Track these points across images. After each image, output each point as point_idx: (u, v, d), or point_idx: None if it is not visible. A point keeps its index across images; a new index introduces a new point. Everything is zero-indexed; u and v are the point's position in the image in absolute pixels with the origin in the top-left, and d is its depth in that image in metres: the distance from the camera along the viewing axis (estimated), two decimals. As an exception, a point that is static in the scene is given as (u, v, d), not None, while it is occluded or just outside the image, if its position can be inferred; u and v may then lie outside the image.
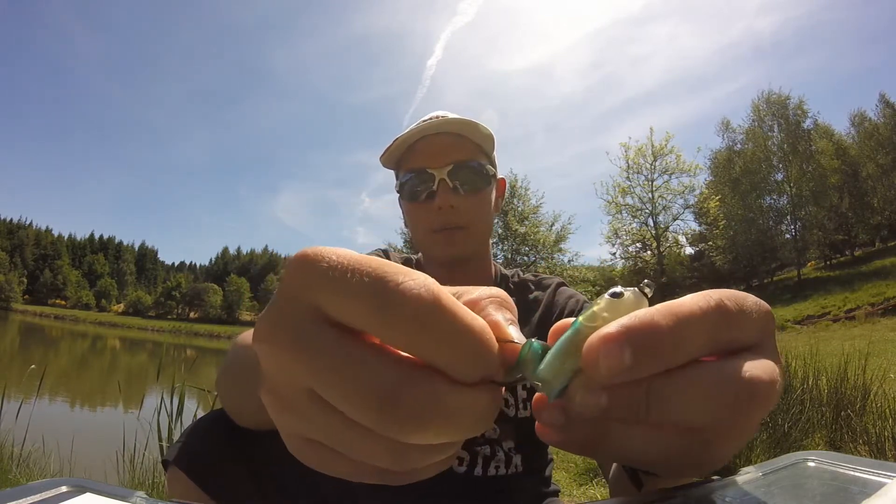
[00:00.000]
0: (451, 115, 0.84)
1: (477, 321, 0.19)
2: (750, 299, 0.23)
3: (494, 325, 0.20)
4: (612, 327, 0.19)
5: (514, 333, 0.21)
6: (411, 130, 0.81)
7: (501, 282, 0.90)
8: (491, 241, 0.92)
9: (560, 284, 0.89)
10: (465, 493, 0.74)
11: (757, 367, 0.21)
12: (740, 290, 0.23)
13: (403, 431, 0.18)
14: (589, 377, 0.20)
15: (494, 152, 0.87)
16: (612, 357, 0.19)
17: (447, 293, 0.19)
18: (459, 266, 0.84)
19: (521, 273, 0.93)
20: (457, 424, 0.19)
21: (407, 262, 0.93)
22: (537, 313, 0.84)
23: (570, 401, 0.21)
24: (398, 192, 0.86)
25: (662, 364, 0.20)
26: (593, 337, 0.20)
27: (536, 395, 0.24)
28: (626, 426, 0.23)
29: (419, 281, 0.19)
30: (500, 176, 0.91)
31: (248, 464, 0.58)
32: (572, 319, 0.22)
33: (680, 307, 0.21)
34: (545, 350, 0.21)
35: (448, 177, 0.79)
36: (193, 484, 0.54)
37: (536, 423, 0.26)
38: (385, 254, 0.93)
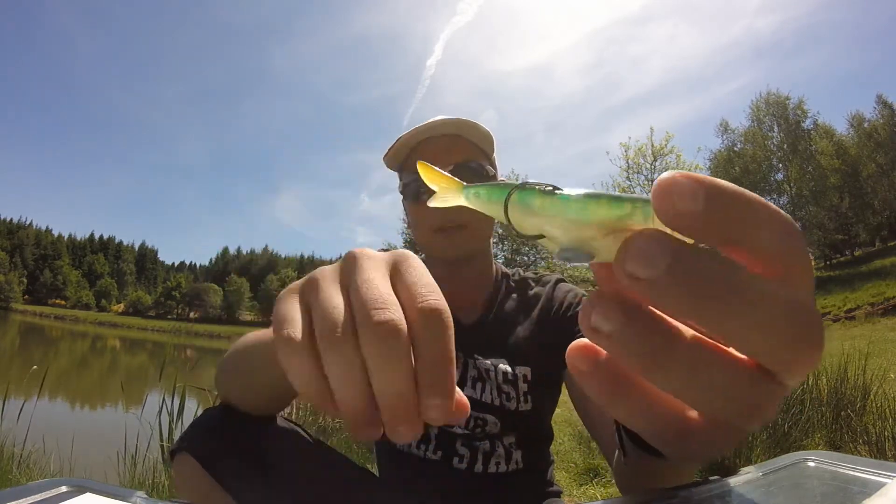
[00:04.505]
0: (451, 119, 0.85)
1: None
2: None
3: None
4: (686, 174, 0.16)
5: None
6: (414, 131, 0.82)
7: (503, 280, 0.92)
8: (491, 241, 0.93)
9: (559, 281, 0.90)
10: (466, 490, 0.75)
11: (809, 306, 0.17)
12: None
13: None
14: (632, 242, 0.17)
15: (494, 154, 0.89)
16: (685, 195, 0.16)
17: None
18: (461, 265, 0.85)
19: (521, 272, 0.94)
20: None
21: None
22: (537, 308, 0.85)
23: (623, 264, 0.16)
24: (401, 193, 0.87)
25: (729, 230, 0.16)
26: (667, 174, 0.16)
27: (595, 293, 0.19)
28: (666, 359, 0.17)
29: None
30: (501, 178, 0.92)
31: (255, 454, 0.59)
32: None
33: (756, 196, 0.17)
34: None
35: None
36: (201, 469, 0.54)
37: (571, 347, 0.21)
38: None
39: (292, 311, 0.26)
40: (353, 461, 0.69)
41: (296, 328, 0.24)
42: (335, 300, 0.25)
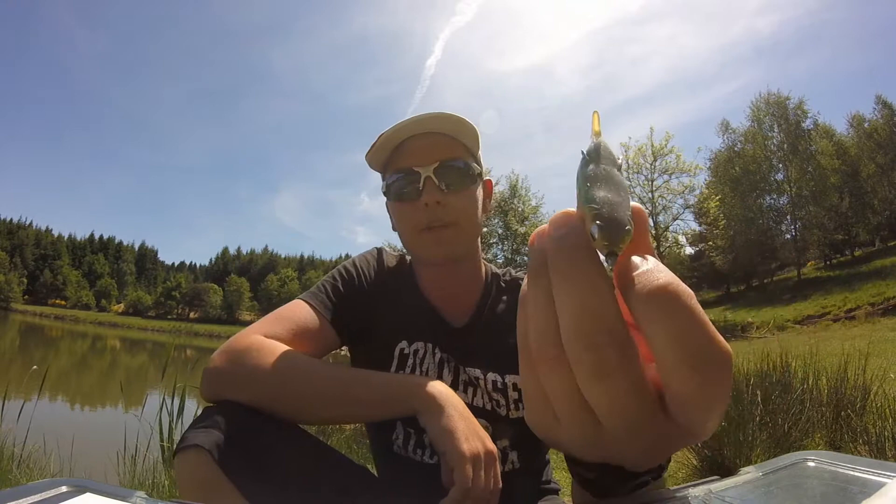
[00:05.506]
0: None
1: None
2: None
3: None
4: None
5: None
6: (396, 128, 0.80)
7: (493, 281, 0.90)
8: (490, 242, 0.92)
9: None
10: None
11: None
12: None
13: None
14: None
15: (479, 152, 0.87)
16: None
17: None
18: (450, 266, 0.83)
19: (512, 272, 0.92)
20: None
21: (401, 261, 0.93)
22: None
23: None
24: (385, 193, 0.85)
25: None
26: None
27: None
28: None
29: None
30: (489, 177, 0.91)
31: (260, 450, 0.60)
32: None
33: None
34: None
35: (434, 174, 0.78)
36: (212, 462, 0.55)
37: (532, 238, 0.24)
38: (380, 253, 0.93)
39: None
40: (352, 460, 0.69)
41: None
42: None
